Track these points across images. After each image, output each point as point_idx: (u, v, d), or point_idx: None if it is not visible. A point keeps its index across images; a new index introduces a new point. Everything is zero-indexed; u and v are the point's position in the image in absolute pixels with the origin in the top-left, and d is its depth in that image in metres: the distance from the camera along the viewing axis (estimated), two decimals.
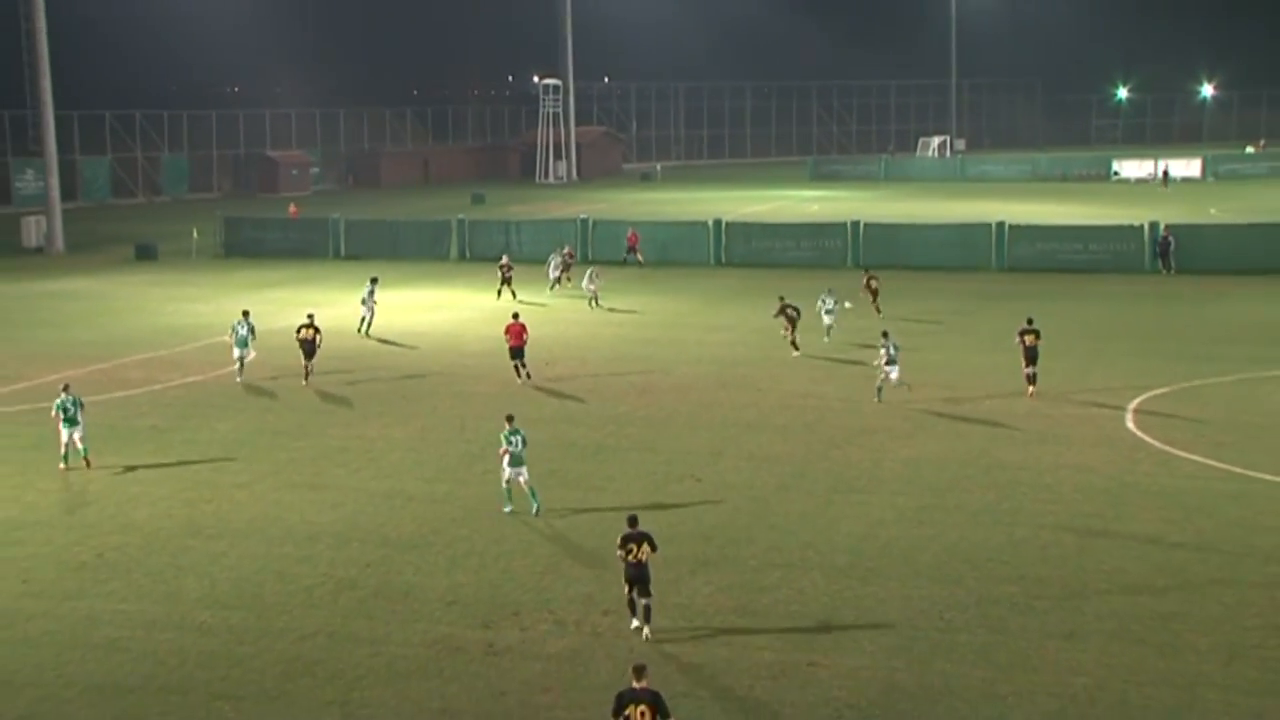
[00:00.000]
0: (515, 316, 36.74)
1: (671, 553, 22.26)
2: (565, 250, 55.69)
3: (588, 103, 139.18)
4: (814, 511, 24.48)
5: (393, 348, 41.33)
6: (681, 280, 49.28)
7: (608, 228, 63.72)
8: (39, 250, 69.43)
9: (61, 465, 27.45)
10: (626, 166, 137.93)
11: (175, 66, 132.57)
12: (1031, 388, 33.14)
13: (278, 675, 17.74)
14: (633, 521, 19.48)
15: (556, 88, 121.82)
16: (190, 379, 36.78)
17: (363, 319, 43.56)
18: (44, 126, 70.78)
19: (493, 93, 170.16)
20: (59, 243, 69.90)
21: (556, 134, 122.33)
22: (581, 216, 65.95)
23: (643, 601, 18.90)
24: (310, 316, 36.79)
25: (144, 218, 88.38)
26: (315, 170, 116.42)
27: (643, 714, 14.15)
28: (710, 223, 62.94)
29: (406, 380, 36.41)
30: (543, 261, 54.94)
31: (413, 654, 18.38)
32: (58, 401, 27.46)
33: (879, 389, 32.70)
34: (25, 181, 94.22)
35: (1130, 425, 30.00)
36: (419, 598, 20.41)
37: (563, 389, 35.04)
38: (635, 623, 19.04)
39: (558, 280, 52.91)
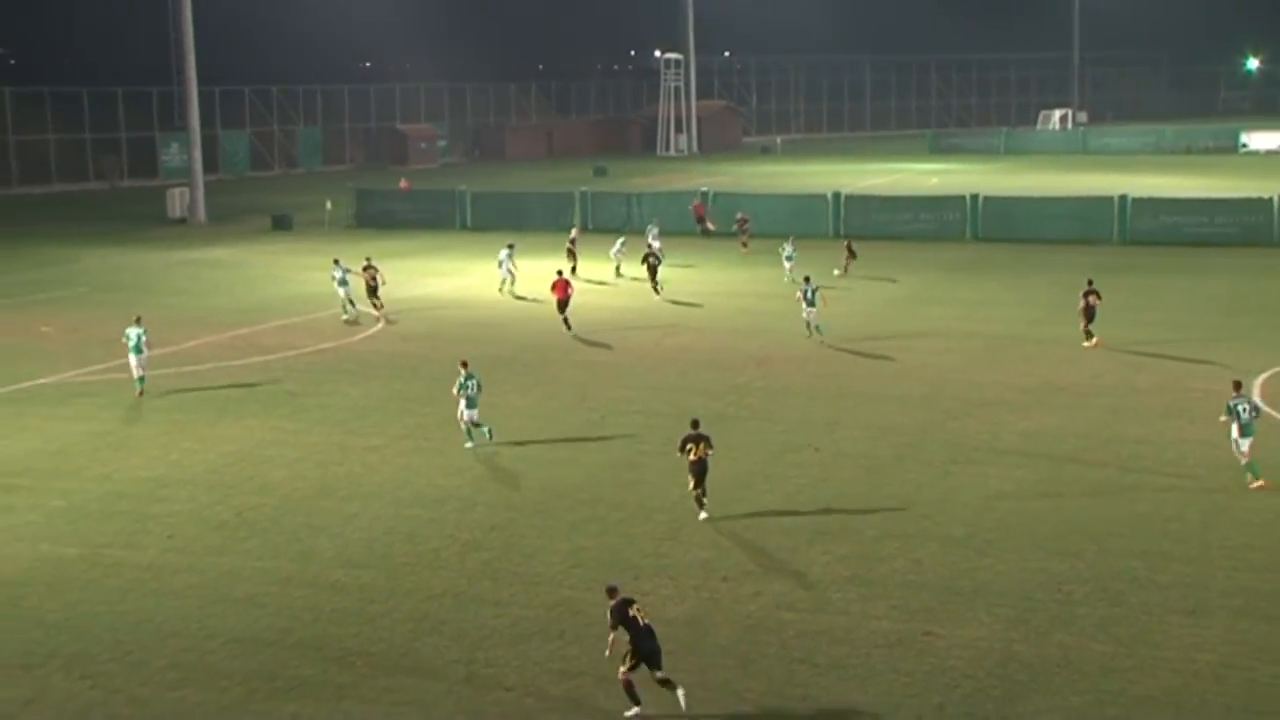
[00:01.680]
0: (560, 273, 39.60)
1: (789, 522, 22.18)
2: (659, 223, 55.93)
3: (708, 77, 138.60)
4: (931, 482, 24.17)
5: (516, 314, 41.57)
6: (800, 253, 48.84)
7: (728, 200, 63.41)
8: (182, 221, 71.06)
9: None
10: (746, 140, 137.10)
11: (311, 44, 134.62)
12: (1089, 341, 34.76)
13: (406, 634, 17.99)
14: (695, 424, 22.54)
15: (678, 62, 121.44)
16: (323, 345, 37.40)
17: (503, 280, 45.17)
18: (188, 102, 72.37)
19: (615, 68, 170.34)
20: (201, 213, 71.48)
21: (677, 108, 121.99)
22: (702, 189, 65.73)
23: (696, 491, 22.21)
24: (368, 258, 42.06)
25: (280, 189, 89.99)
26: (443, 143, 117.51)
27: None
28: (829, 195, 62.35)
29: (529, 349, 36.64)
30: (664, 232, 54.80)
31: (535, 615, 18.52)
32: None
33: (807, 325, 36.44)
34: (171, 155, 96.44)
35: (1258, 400, 29.13)
36: (542, 560, 20.55)
37: (682, 359, 35.00)
38: (703, 515, 22.12)
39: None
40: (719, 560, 20.46)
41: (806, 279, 38.03)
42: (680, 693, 15.70)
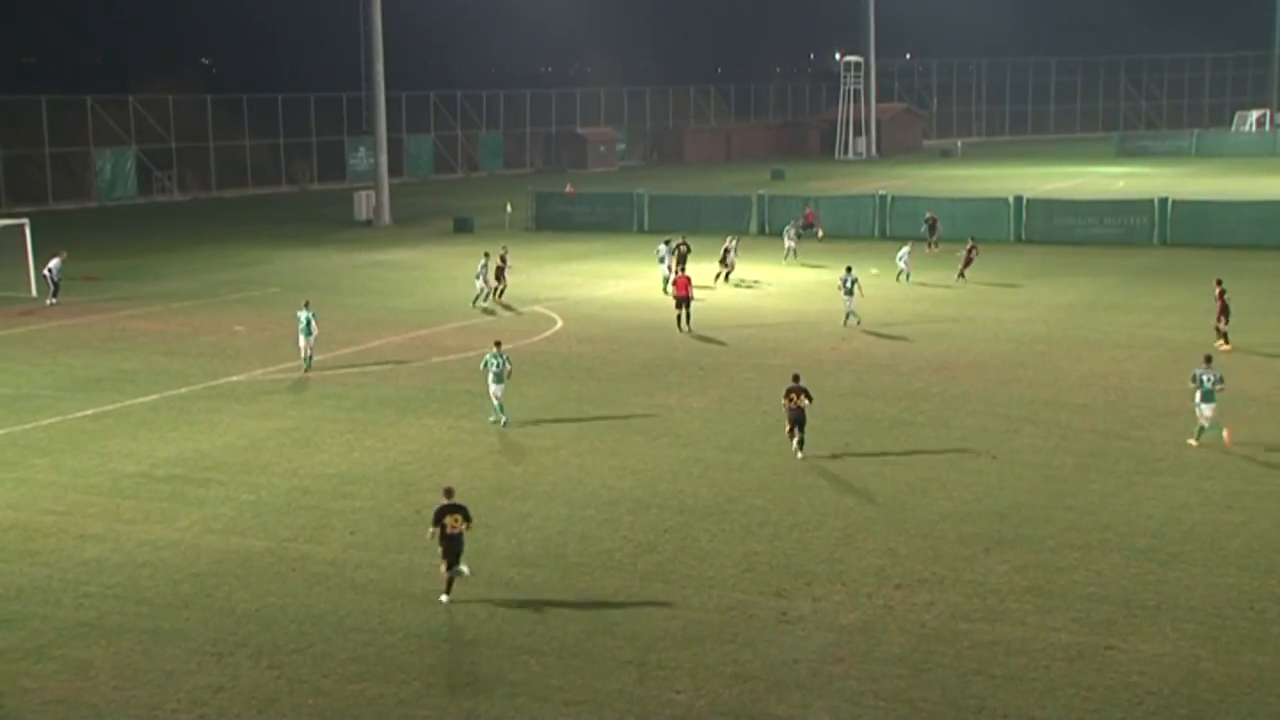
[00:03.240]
0: (681, 271, 42.01)
1: (966, 530, 21.74)
2: (799, 222, 57.16)
3: (888, 79, 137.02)
4: (1114, 492, 23.44)
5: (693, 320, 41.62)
6: (980, 257, 47.95)
7: (906, 204, 62.59)
8: (368, 223, 72.95)
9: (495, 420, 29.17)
10: (926, 143, 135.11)
11: (494, 49, 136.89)
12: (1223, 343, 34.40)
13: (579, 634, 18.12)
14: (796, 378, 26.28)
15: (858, 65, 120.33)
16: (503, 347, 37.85)
17: (665, 279, 45.62)
18: (375, 107, 74.26)
19: (794, 70, 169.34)
20: (386, 216, 73.29)
21: (857, 111, 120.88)
22: (880, 192, 64.97)
23: (799, 436, 25.87)
24: (500, 252, 45.00)
25: (462, 192, 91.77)
26: (622, 146, 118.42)
27: (454, 521, 18.98)
28: (1010, 199, 61.03)
29: (704, 352, 36.65)
30: (841, 236, 54.45)
31: (708, 618, 18.49)
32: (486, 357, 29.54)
33: (846, 315, 39.16)
34: (358, 159, 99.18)
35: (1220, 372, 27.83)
36: (714, 564, 20.51)
37: (858, 364, 34.63)
38: (800, 454, 25.68)
39: (793, 250, 53.75)
40: (892, 567, 20.16)
41: (848, 268, 40.06)
42: (444, 598, 19.06)
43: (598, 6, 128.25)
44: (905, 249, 48.76)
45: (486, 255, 45.19)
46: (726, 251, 49.40)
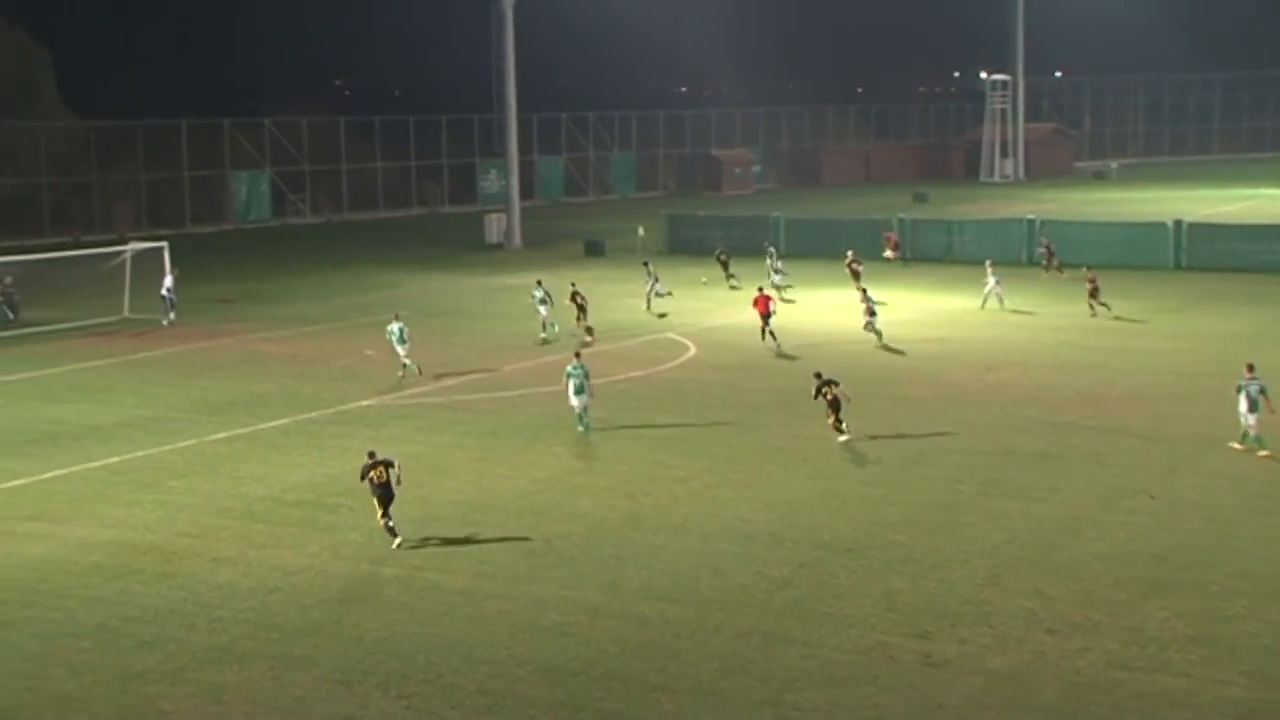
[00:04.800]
0: (761, 289, 42.81)
1: (1122, 573, 21.18)
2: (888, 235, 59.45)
3: (1037, 98, 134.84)
4: None
5: (829, 349, 41.34)
6: (1136, 284, 46.93)
7: (1056, 229, 61.42)
8: (499, 246, 73.84)
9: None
10: (1078, 165, 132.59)
11: (627, 70, 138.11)
12: None
13: (713, 671, 18.00)
14: (818, 375, 29.57)
15: (1005, 83, 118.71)
16: (634, 373, 38.05)
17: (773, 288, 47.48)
18: (507, 129, 75.30)
19: (937, 89, 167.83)
20: (517, 239, 74.12)
21: (1003, 131, 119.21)
22: (1028, 217, 63.93)
23: (839, 422, 28.93)
24: (573, 283, 44.53)
25: (593, 215, 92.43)
26: (757, 168, 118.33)
27: (379, 473, 22.76)
28: (1170, 224, 59.58)
29: (845, 381, 36.25)
30: (981, 261, 53.61)
31: (846, 659, 18.24)
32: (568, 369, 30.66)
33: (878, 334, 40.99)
34: (489, 181, 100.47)
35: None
36: (853, 602, 20.25)
37: (1003, 394, 34.04)
38: (843, 437, 29.04)
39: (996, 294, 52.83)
40: (1044, 610, 19.70)
41: (864, 290, 43.23)
42: (397, 542, 22.82)
43: (734, 26, 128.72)
44: (994, 275, 48.05)
45: (539, 283, 45.07)
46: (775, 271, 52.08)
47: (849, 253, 53.74)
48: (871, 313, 41.43)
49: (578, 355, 31.39)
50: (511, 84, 73.68)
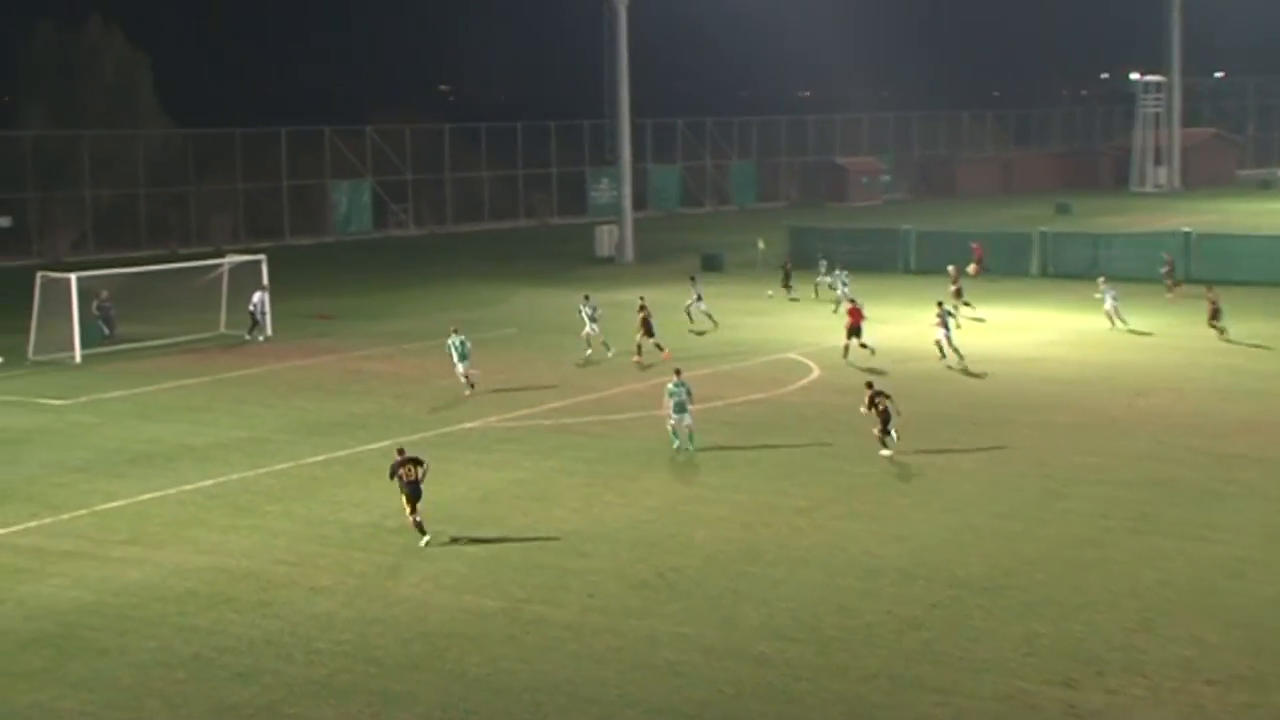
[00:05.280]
0: (852, 301, 44.26)
1: None
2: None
3: (1195, 101, 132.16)
4: None
5: (964, 370, 40.97)
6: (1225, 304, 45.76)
7: (1216, 243, 60.20)
8: (610, 260, 74.18)
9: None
10: (1241, 173, 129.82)
11: (747, 73, 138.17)
12: None
13: (836, 717, 17.87)
14: (870, 385, 30.89)
15: (1159, 85, 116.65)
16: (753, 395, 37.98)
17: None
18: (620, 136, 75.66)
19: (1084, 92, 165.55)
20: (629, 252, 74.40)
21: (1157, 137, 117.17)
22: (1184, 229, 62.75)
23: (886, 434, 30.12)
24: (641, 297, 44.95)
25: (710, 227, 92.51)
26: (886, 178, 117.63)
27: (408, 470, 24.83)
28: None
29: (979, 406, 35.93)
30: (1135, 278, 52.85)
31: (983, 707, 18.00)
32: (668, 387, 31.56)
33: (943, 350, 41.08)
34: (600, 191, 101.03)
35: None
36: (990, 645, 19.98)
37: (1157, 423, 33.42)
38: (885, 451, 30.17)
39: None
40: (1202, 659, 19.26)
41: (940, 303, 42.41)
42: (425, 540, 24.70)
43: (862, 27, 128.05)
44: (1108, 290, 47.59)
45: (587, 297, 45.31)
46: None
47: (950, 268, 53.30)
48: (945, 326, 41.48)
49: (678, 373, 32.12)
50: (625, 88, 74.06)
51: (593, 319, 43.77)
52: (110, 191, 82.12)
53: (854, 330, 42.25)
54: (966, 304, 49.44)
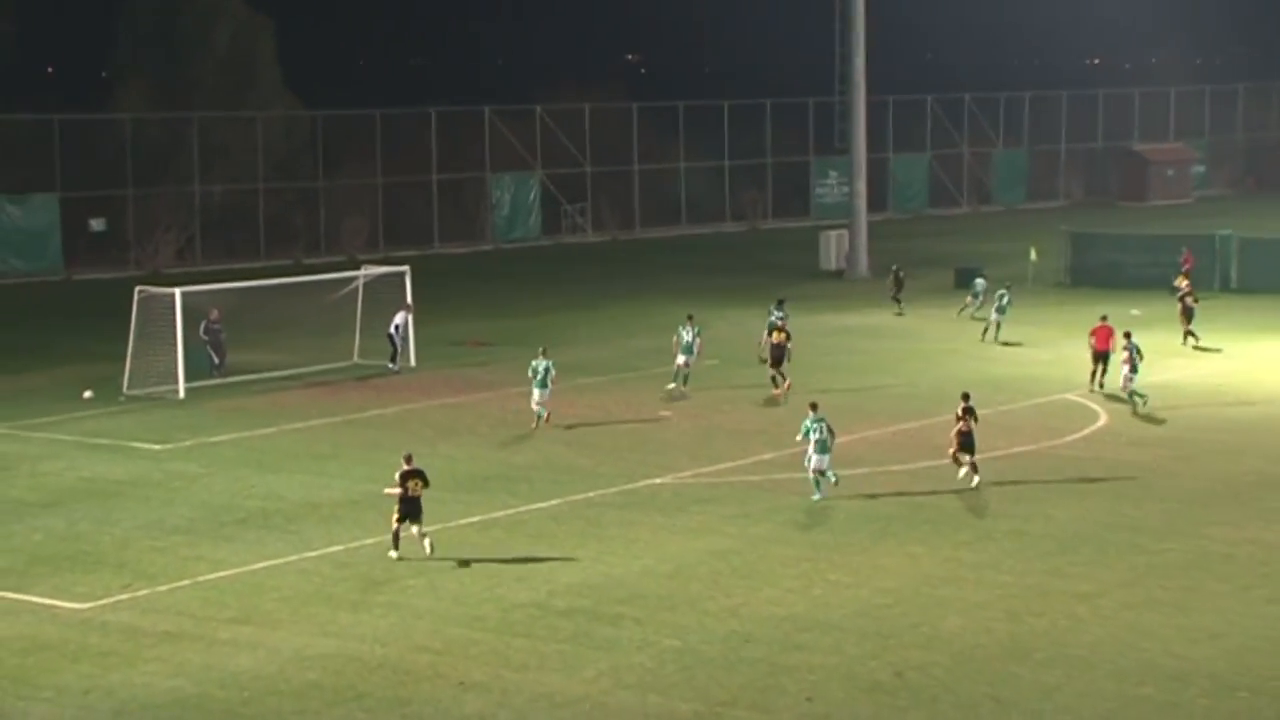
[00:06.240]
0: (1104, 319, 44.81)
1: None
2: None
3: None
4: None
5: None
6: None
7: None
8: (839, 274, 73.95)
9: None
10: None
11: (1016, 36, 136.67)
12: None
13: None
14: (966, 398, 34.30)
15: None
16: (1020, 447, 37.50)
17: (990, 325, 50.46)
18: (853, 118, 75.24)
19: None
20: (863, 264, 73.98)
21: None
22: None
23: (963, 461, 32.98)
24: (783, 318, 46.95)
25: (967, 232, 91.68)
26: (1200, 169, 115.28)
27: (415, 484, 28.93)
28: None
29: None
30: None
31: None
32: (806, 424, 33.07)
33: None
34: (827, 187, 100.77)
35: None
36: None
37: None
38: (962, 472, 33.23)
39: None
40: None
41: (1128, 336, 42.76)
42: (427, 542, 28.76)
43: None
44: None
45: (690, 318, 45.85)
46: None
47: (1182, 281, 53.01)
48: (1133, 367, 41.92)
49: (814, 407, 33.59)
50: (860, 57, 73.75)
51: (688, 349, 44.98)
52: (223, 187, 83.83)
53: (1100, 356, 43.69)
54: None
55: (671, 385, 44.85)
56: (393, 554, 28.96)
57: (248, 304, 50.13)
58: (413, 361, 49.56)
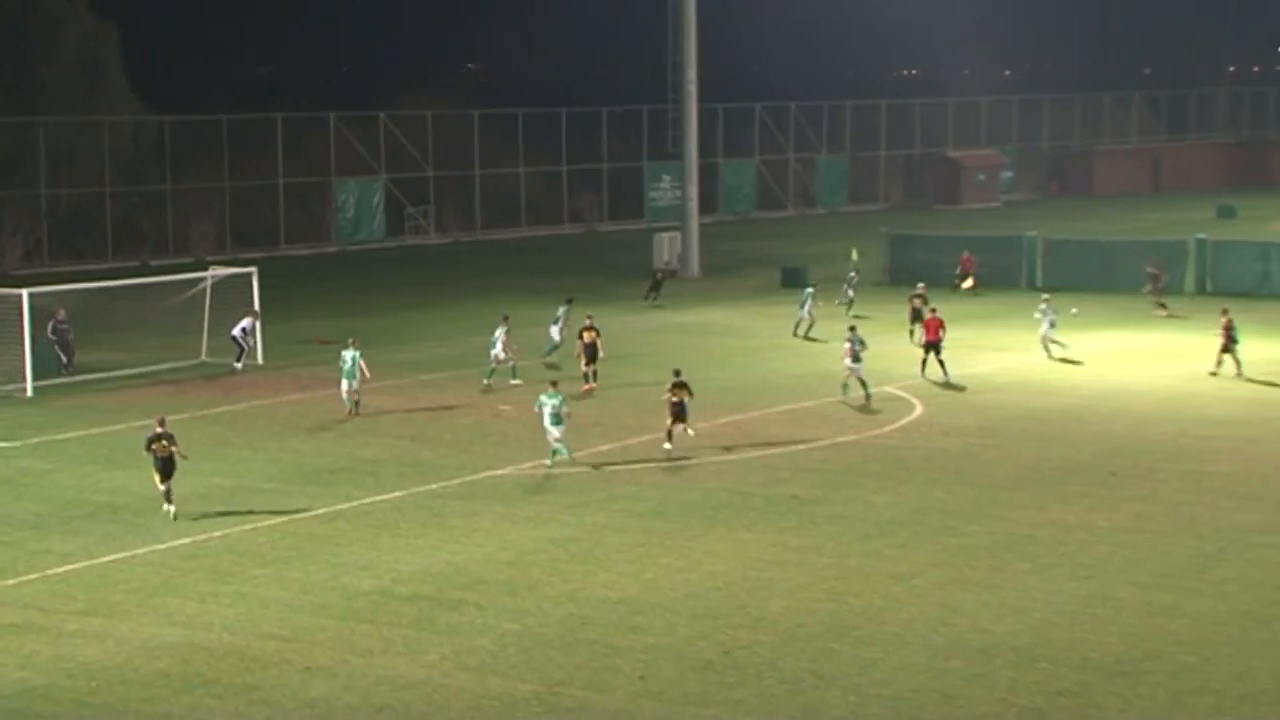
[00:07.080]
0: (933, 311, 46.14)
1: None
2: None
3: None
4: None
5: (1100, 404, 40.84)
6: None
7: None
8: (672, 274, 74.21)
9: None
10: None
11: (839, 49, 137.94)
12: None
13: None
14: (677, 373, 35.87)
15: None
16: (841, 438, 37.99)
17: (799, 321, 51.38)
18: (685, 124, 75.39)
19: (1255, 69, 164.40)
20: (694, 264, 74.39)
21: None
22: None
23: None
24: (589, 318, 45.41)
25: (793, 234, 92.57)
26: (1008, 174, 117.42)
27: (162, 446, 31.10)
28: None
29: (1117, 453, 35.81)
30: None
31: None
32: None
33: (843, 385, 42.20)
34: (660, 191, 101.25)
35: None
36: None
37: None
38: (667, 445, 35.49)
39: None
40: None
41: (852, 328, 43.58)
42: (170, 509, 30.91)
43: None
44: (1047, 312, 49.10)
45: (570, 301, 48.41)
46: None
47: (919, 285, 53.88)
48: (855, 358, 41.96)
49: (554, 384, 35.86)
50: (692, 68, 73.89)
51: (554, 349, 46.83)
52: (70, 190, 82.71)
53: (931, 346, 44.65)
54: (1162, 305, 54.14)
55: (486, 381, 45.24)
56: (169, 511, 31.06)
57: (96, 305, 49.62)
58: (260, 359, 49.15)
